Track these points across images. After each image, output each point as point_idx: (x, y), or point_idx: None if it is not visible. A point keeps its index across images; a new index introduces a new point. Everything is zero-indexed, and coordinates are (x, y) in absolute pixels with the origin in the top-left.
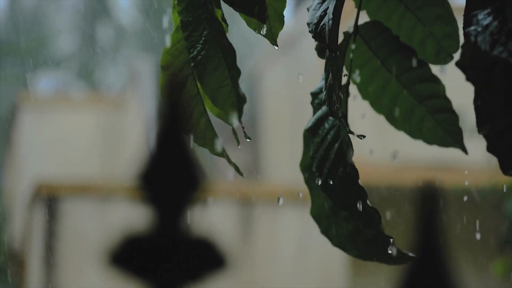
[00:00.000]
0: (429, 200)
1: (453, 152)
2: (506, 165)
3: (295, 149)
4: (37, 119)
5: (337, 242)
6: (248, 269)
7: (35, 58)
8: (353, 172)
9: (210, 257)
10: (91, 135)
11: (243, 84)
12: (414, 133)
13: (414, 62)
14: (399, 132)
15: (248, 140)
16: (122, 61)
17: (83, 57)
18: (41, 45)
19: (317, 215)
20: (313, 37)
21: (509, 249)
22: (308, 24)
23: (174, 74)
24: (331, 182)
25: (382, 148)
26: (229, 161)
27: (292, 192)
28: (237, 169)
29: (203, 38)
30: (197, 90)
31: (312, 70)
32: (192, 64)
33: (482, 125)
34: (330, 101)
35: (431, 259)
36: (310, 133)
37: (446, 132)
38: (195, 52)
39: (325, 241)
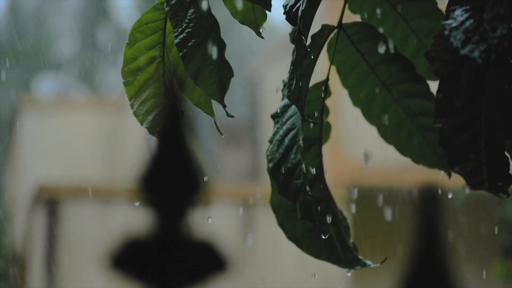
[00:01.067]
0: (430, 202)
1: None
2: (454, 161)
3: None
4: (38, 121)
5: (292, 236)
6: (250, 271)
7: (36, 61)
8: (302, 160)
9: (211, 260)
10: (92, 138)
11: (243, 86)
12: (403, 149)
13: (410, 72)
14: None
15: (222, 136)
16: None
17: (84, 60)
18: (42, 47)
19: (276, 206)
20: (286, 19)
21: (509, 251)
22: (284, 6)
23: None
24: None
25: (383, 150)
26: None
27: None
28: (217, 128)
29: (188, 17)
30: (162, 72)
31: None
32: (175, 41)
33: (439, 118)
34: (290, 84)
35: (432, 261)
36: (274, 120)
37: (433, 152)
38: (179, 30)
39: None
